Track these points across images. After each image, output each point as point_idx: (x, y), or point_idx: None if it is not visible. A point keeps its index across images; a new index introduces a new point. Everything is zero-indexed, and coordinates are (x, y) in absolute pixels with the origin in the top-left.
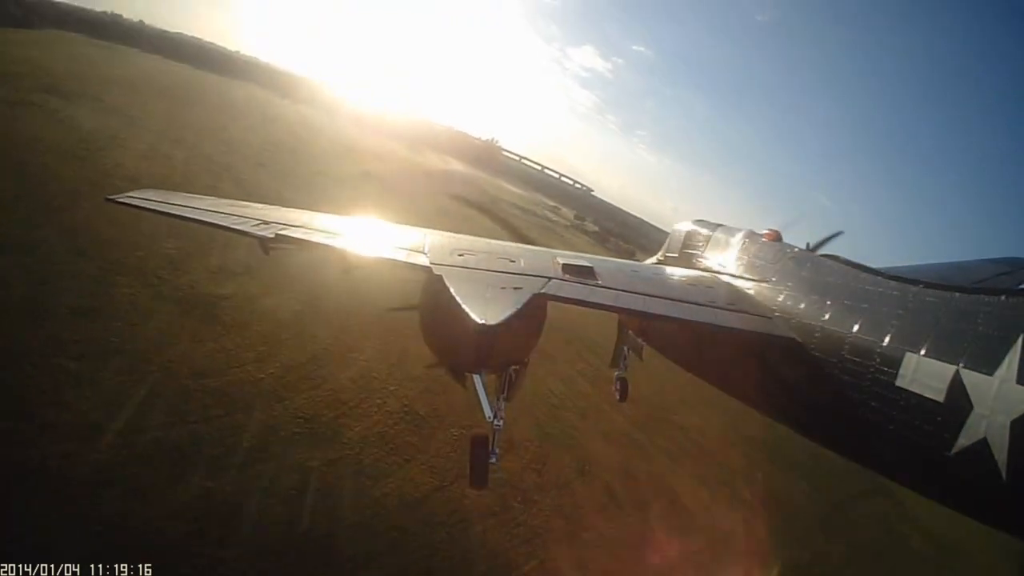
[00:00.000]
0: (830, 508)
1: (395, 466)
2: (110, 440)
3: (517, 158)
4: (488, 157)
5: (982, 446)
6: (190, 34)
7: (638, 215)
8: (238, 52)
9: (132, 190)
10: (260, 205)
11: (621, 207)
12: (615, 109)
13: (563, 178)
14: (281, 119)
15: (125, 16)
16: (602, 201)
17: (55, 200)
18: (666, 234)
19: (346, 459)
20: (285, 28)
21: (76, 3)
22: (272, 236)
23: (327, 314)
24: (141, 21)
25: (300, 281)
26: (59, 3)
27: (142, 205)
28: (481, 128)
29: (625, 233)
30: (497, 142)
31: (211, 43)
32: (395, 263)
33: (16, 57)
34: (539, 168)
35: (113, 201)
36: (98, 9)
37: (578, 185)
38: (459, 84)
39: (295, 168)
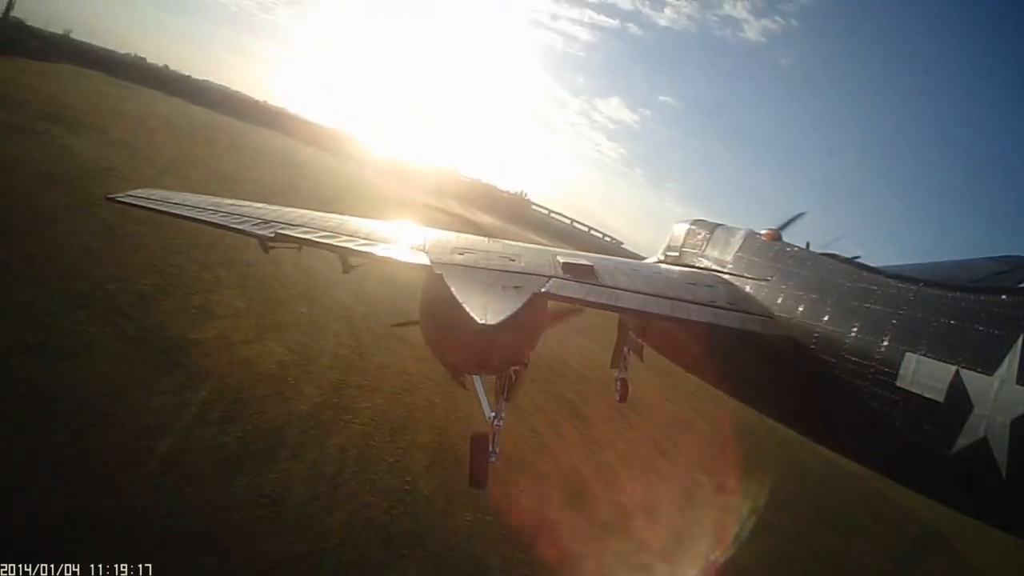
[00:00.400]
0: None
1: (385, 567)
2: None
3: (546, 211)
4: (516, 210)
5: (982, 446)
6: (216, 81)
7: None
8: (264, 101)
9: (113, 217)
10: (261, 204)
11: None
12: (643, 162)
13: (592, 231)
14: (300, 164)
15: (149, 60)
16: (633, 253)
17: (24, 225)
18: None
19: (322, 554)
20: (316, 81)
21: (99, 43)
22: (272, 235)
23: (321, 366)
24: (166, 65)
25: (294, 327)
26: (80, 41)
27: (142, 204)
28: (508, 180)
29: None
30: (525, 195)
31: (237, 91)
32: (396, 263)
33: (27, 86)
34: (568, 221)
35: (113, 200)
36: (121, 51)
37: (607, 238)
38: (484, 135)
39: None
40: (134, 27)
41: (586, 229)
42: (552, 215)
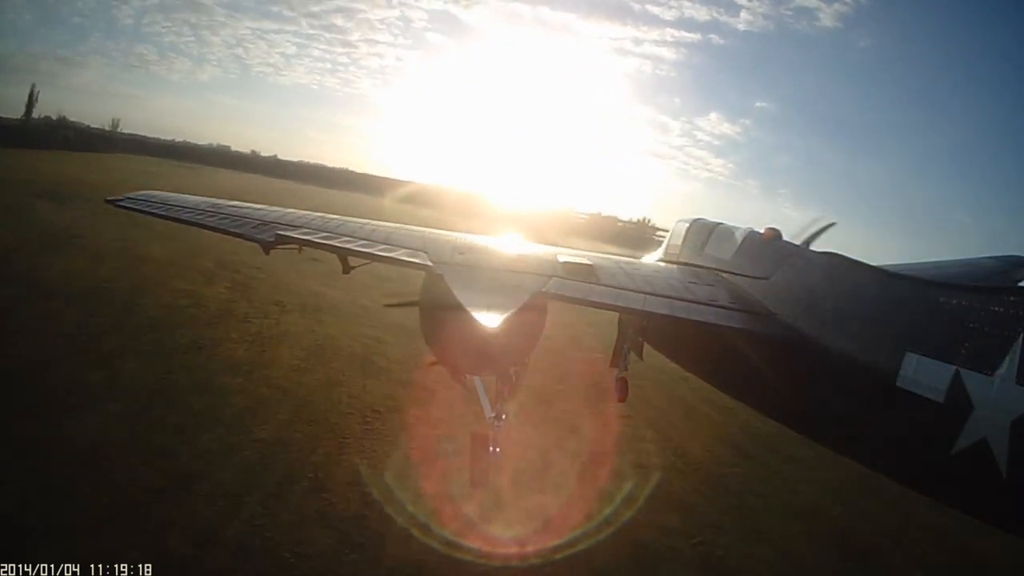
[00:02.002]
0: None
1: None
2: None
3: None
4: (639, 237)
5: (982, 446)
6: (310, 160)
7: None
8: (346, 168)
9: (30, 295)
10: (260, 206)
11: None
12: (753, 172)
13: None
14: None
15: (233, 147)
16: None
17: None
18: None
19: None
20: (412, 143)
21: (170, 136)
22: (272, 238)
23: None
24: (253, 151)
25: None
26: (133, 134)
27: (140, 208)
28: (629, 210)
29: None
30: (649, 221)
31: (319, 163)
32: (396, 264)
33: (41, 170)
34: None
35: (112, 203)
36: (204, 142)
37: None
38: (597, 170)
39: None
40: (223, 121)
41: None
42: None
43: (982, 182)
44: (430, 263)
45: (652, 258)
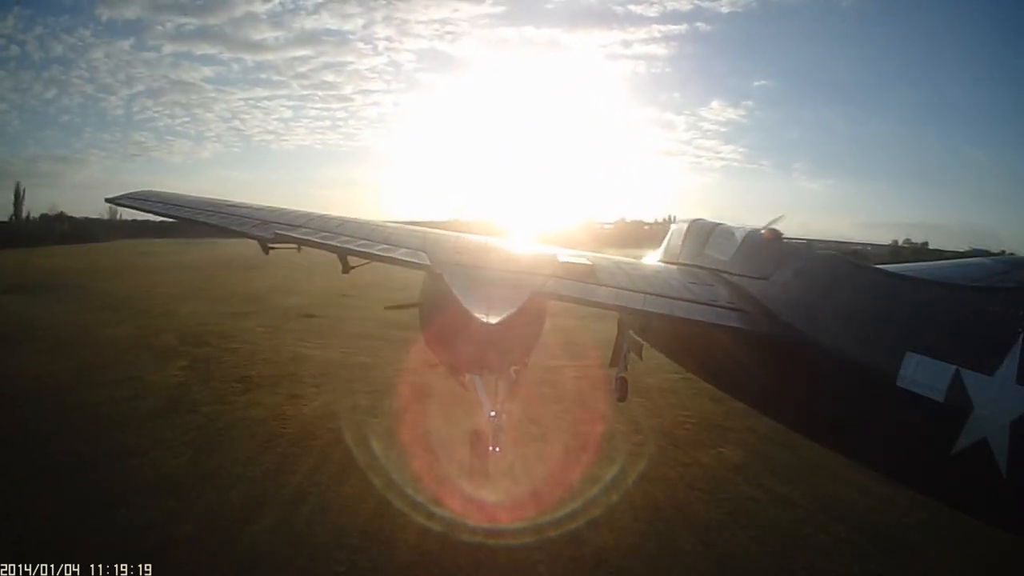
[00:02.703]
0: None
1: None
2: None
3: None
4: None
5: (982, 446)
6: None
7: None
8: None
9: None
10: (260, 205)
11: (820, 239)
12: (764, 152)
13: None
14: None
15: None
16: (796, 240)
17: None
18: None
19: None
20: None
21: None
22: (271, 236)
23: None
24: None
25: None
26: (151, 219)
27: (140, 206)
28: (653, 211)
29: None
30: (674, 218)
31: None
32: (396, 264)
33: (22, 265)
34: None
35: (113, 202)
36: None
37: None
38: (610, 179)
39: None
40: (231, 195)
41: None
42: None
43: (988, 116)
44: (430, 263)
45: (652, 258)
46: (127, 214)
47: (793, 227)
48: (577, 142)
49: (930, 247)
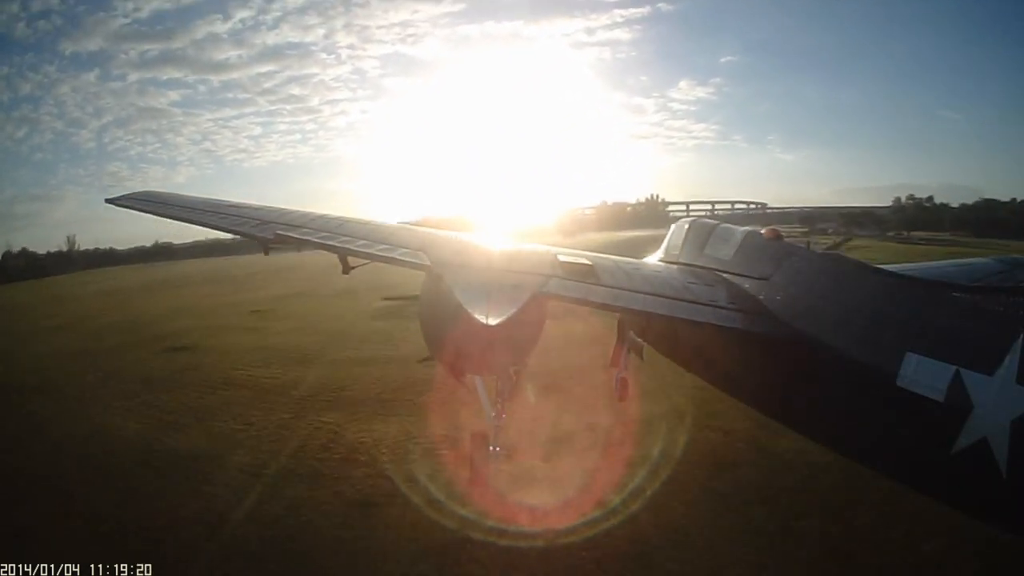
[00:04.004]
0: None
1: None
2: None
3: (684, 207)
4: (653, 215)
5: (982, 446)
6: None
7: (820, 205)
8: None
9: None
10: (260, 205)
11: (803, 206)
12: (737, 128)
13: (736, 206)
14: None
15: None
16: (783, 209)
17: None
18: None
19: None
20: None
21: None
22: (271, 236)
23: None
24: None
25: None
26: (117, 248)
27: (140, 207)
28: (636, 191)
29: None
30: (658, 197)
31: None
32: (395, 264)
33: None
34: (710, 208)
35: (113, 202)
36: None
37: (754, 206)
38: (586, 166)
39: None
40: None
41: (730, 208)
42: (691, 208)
43: (962, 77)
44: (430, 263)
45: (652, 258)
46: (86, 243)
47: (768, 198)
48: (549, 133)
49: (936, 201)
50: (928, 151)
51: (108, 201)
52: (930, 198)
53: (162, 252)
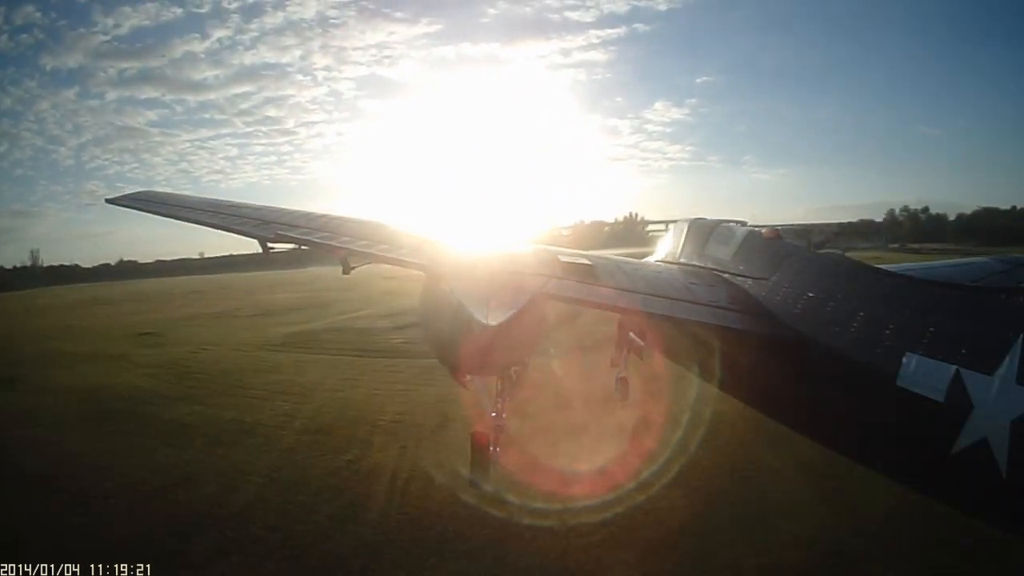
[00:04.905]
0: None
1: None
2: None
3: (664, 226)
4: (629, 234)
5: (982, 446)
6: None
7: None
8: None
9: None
10: (260, 205)
11: (781, 224)
12: (712, 148)
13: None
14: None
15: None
16: (762, 225)
17: None
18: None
19: None
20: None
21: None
22: (272, 236)
23: None
24: (201, 253)
25: None
26: (80, 265)
27: (140, 207)
28: (613, 210)
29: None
30: (637, 216)
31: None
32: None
33: None
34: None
35: (113, 202)
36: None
37: (734, 223)
38: (563, 187)
39: None
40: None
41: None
42: (669, 225)
43: (939, 92)
44: (429, 263)
45: (652, 258)
46: (50, 259)
47: (746, 218)
48: (525, 154)
49: (931, 211)
50: (906, 168)
51: (109, 201)
52: (926, 209)
53: (127, 270)
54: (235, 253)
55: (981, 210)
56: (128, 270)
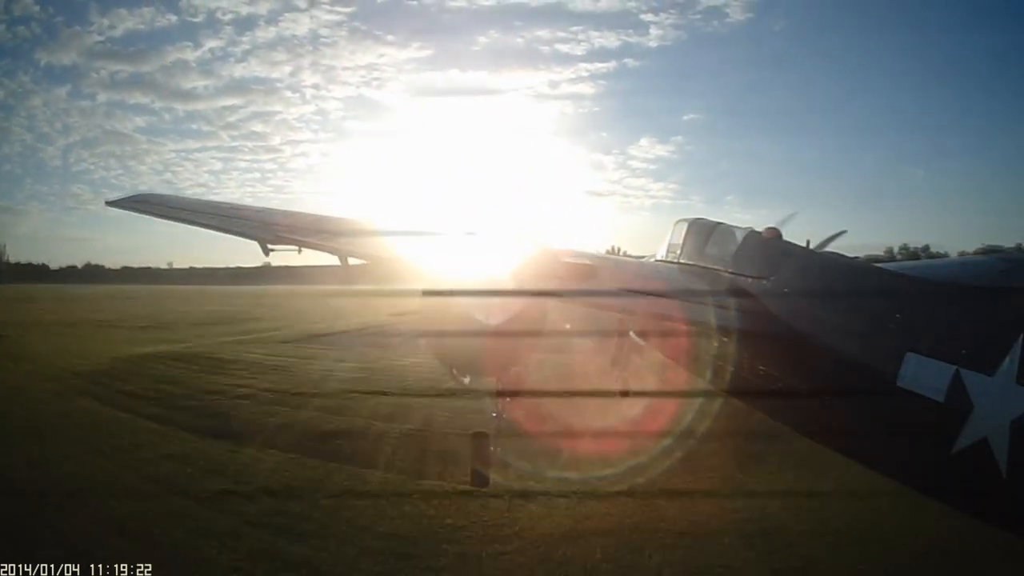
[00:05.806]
0: None
1: None
2: None
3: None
4: None
5: (982, 446)
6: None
7: None
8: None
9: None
10: (260, 207)
11: None
12: (695, 188)
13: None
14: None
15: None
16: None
17: None
18: None
19: None
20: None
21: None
22: (271, 238)
23: None
24: (169, 264)
25: None
26: (49, 264)
27: (140, 209)
28: (592, 246)
29: None
30: (619, 250)
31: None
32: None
33: None
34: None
35: (114, 205)
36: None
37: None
38: (544, 218)
39: None
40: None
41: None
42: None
43: (924, 133)
44: (429, 263)
45: (653, 259)
46: (19, 257)
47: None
48: (508, 183)
49: (931, 250)
50: (888, 208)
51: (109, 204)
52: (926, 247)
53: (93, 274)
54: (204, 266)
55: (985, 247)
56: (94, 274)
